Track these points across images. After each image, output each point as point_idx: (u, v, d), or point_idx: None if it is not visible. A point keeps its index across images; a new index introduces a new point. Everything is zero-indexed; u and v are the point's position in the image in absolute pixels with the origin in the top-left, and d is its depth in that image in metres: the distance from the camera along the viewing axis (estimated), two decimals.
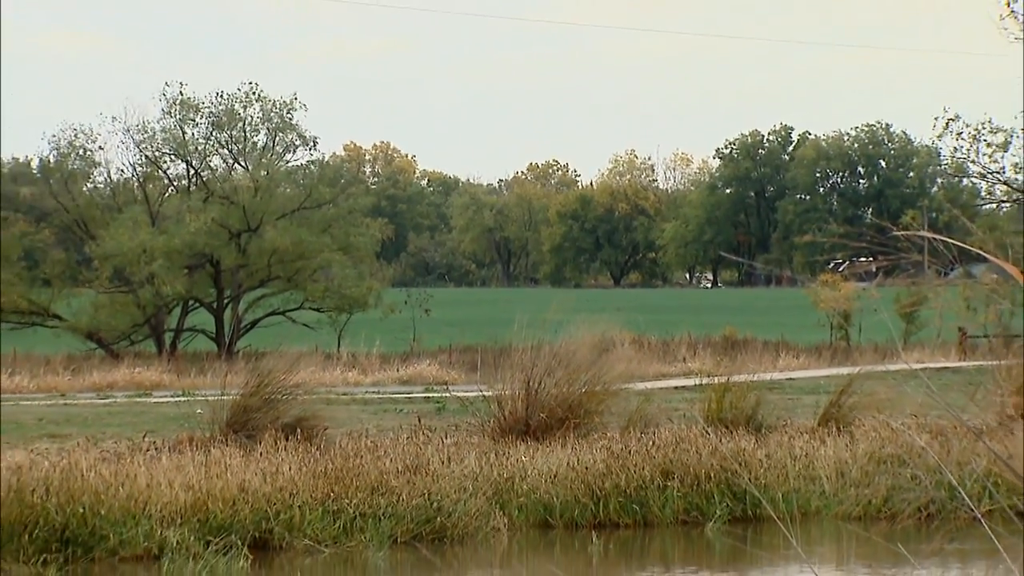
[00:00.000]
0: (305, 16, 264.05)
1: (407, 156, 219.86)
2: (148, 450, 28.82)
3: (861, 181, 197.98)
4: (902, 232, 19.29)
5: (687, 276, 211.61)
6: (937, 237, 8.11)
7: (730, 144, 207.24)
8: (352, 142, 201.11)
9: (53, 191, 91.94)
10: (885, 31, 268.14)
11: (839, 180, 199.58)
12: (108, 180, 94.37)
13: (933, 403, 28.31)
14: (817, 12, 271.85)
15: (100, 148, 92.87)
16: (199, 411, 33.85)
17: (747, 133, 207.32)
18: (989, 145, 72.28)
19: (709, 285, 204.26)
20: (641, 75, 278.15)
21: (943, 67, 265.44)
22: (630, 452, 29.44)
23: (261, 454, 28.18)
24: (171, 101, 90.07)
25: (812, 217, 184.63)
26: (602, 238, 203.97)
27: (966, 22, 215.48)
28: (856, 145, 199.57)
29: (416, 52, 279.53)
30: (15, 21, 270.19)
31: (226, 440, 29.78)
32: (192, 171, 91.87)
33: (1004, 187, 71.20)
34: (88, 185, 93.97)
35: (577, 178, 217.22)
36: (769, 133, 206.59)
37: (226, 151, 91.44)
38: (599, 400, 32.54)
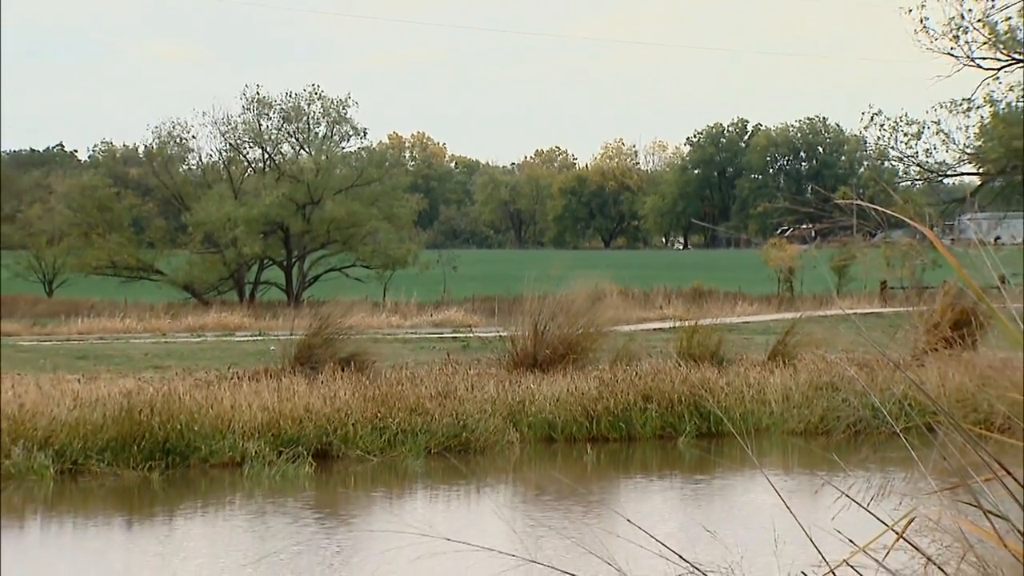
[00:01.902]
0: (358, 32, 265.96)
1: (439, 143, 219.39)
2: (232, 379, 28.26)
3: (803, 163, 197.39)
4: (840, 201, 20.97)
5: (663, 240, 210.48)
6: (866, 205, 8.12)
7: (698, 134, 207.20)
8: (395, 132, 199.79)
9: (156, 171, 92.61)
10: (825, 42, 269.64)
11: (785, 163, 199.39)
12: (199, 163, 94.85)
13: (861, 341, 29.68)
14: (770, 27, 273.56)
15: (193, 137, 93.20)
16: (272, 348, 34.06)
17: (711, 125, 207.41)
18: (905, 135, 72.99)
19: (681, 247, 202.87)
20: (627, 78, 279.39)
21: (869, 71, 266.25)
22: (617, 381, 29.22)
23: (322, 382, 27.69)
24: (250, 99, 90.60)
25: (763, 192, 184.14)
26: (595, 209, 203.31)
27: (889, 35, 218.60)
28: (799, 135, 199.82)
29: (446, 60, 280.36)
30: (128, 33, 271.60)
31: (294, 371, 29.24)
32: (266, 155, 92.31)
33: (917, 168, 72.21)
34: (183, 167, 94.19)
35: (575, 161, 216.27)
36: (729, 125, 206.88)
37: (293, 140, 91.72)
38: (593, 340, 32.28)
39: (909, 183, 74.50)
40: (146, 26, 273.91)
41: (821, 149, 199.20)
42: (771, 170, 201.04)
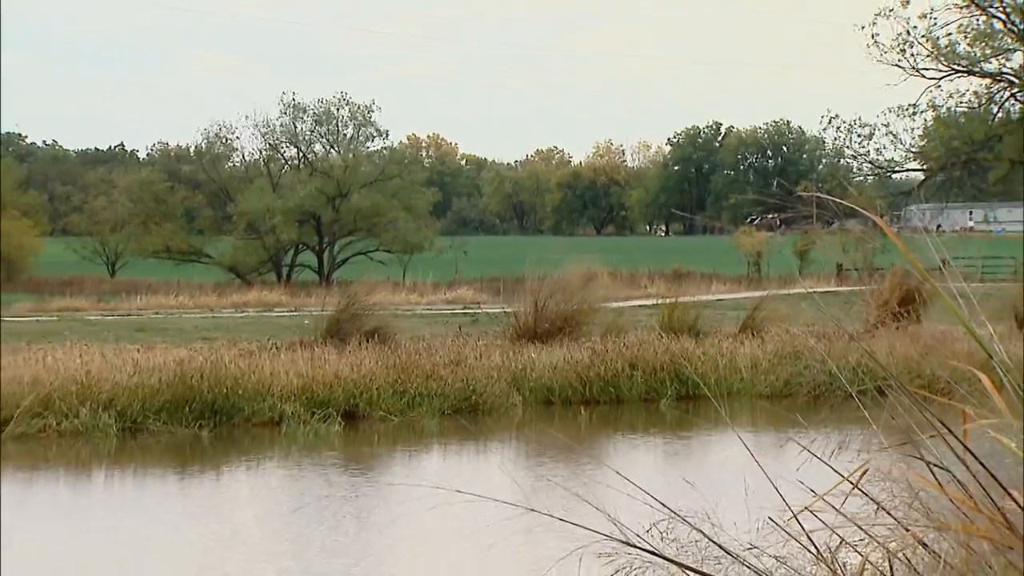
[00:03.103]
0: (382, 46, 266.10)
1: (451, 143, 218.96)
2: (271, 349, 28.34)
3: (769, 161, 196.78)
4: (801, 193, 21.06)
5: (647, 228, 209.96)
6: (824, 197, 8.16)
7: (677, 135, 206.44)
8: (413, 134, 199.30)
9: (204, 168, 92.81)
10: (789, 55, 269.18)
11: (754, 160, 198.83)
12: (242, 160, 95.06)
13: (820, 316, 29.58)
14: (741, 41, 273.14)
15: (237, 138, 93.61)
16: (306, 322, 34.08)
17: (689, 127, 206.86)
18: (859, 135, 72.75)
19: (663, 234, 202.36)
20: (615, 86, 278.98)
21: (827, 80, 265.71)
22: (607, 351, 29.17)
23: (349, 352, 27.59)
24: (286, 105, 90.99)
25: (735, 186, 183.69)
26: (588, 201, 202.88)
27: (845, 49, 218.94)
28: (766, 136, 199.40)
29: (458, 70, 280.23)
30: (182, 46, 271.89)
31: (325, 342, 29.23)
32: (301, 154, 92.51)
33: (869, 165, 71.95)
34: (228, 164, 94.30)
35: (570, 159, 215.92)
36: (705, 127, 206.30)
37: (324, 140, 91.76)
38: (585, 315, 32.22)
39: (862, 178, 74.40)
40: (197, 40, 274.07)
41: (785, 148, 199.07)
42: (741, 167, 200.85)
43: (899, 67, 74.91)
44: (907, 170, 79.37)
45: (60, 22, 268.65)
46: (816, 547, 4.84)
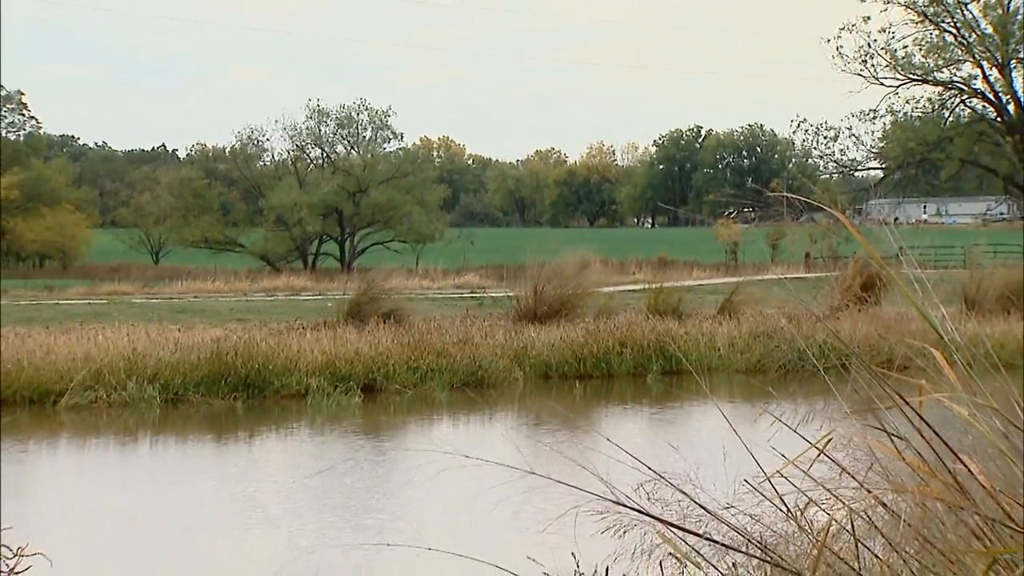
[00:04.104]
0: (397, 58, 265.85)
1: (459, 144, 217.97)
2: (298, 329, 28.56)
3: (745, 161, 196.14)
4: (772, 192, 21.08)
5: (635, 220, 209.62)
6: (793, 196, 8.15)
7: (663, 137, 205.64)
8: (425, 136, 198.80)
9: (238, 167, 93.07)
10: (762, 65, 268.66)
11: (731, 160, 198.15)
12: (272, 160, 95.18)
13: (790, 299, 29.22)
14: (720, 53, 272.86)
15: (267, 140, 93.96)
16: (329, 305, 34.24)
17: (673, 130, 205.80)
18: (825, 138, 73.06)
19: (649, 226, 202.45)
20: (607, 94, 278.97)
21: (796, 88, 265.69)
22: (599, 331, 29.22)
23: (368, 332, 27.68)
24: (312, 110, 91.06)
25: (714, 183, 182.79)
26: (582, 196, 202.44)
27: (812, 60, 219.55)
28: (742, 138, 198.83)
29: (466, 79, 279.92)
30: (218, 58, 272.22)
31: (346, 323, 29.40)
32: (324, 154, 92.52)
33: (833, 164, 71.86)
34: (260, 163, 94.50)
35: (566, 159, 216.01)
36: (687, 130, 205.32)
37: (346, 142, 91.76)
38: (580, 298, 32.29)
39: (827, 175, 74.47)
40: (233, 54, 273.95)
41: (759, 149, 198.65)
42: (720, 166, 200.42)
43: (861, 76, 75.03)
44: (868, 169, 79.50)
45: (113, 38, 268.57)
46: (787, 507, 4.84)
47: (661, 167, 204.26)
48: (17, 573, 6.38)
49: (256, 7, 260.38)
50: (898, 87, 75.61)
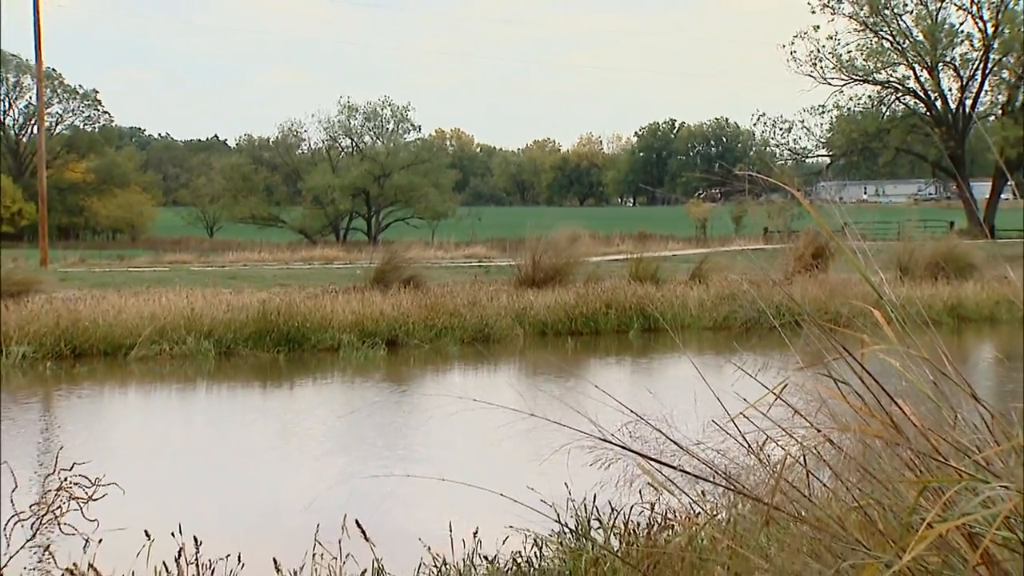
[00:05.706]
0: (416, 61, 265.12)
1: (469, 135, 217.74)
2: (331, 293, 28.45)
3: (712, 149, 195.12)
4: (738, 172, 21.18)
5: (619, 200, 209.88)
6: (757, 175, 8.06)
7: (643, 129, 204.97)
8: (439, 128, 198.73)
9: (280, 154, 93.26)
10: (727, 66, 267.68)
11: (701, 148, 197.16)
12: (309, 148, 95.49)
13: (751, 267, 29.64)
14: (691, 56, 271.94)
15: (304, 131, 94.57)
16: (358, 272, 34.20)
17: (652, 123, 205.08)
18: (781, 129, 73.03)
19: (631, 205, 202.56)
20: (596, 91, 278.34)
21: (756, 87, 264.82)
22: (588, 294, 29.18)
23: (391, 295, 27.69)
24: (343, 106, 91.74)
25: (686, 168, 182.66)
26: (574, 180, 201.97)
27: (769, 63, 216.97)
28: (710, 130, 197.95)
29: (475, 79, 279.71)
30: (262, 61, 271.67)
31: (372, 288, 29.39)
32: (354, 144, 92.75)
33: (788, 152, 71.81)
34: (299, 151, 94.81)
35: (560, 147, 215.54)
36: (663, 123, 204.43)
37: (372, 133, 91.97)
38: (572, 267, 32.17)
39: (783, 162, 74.63)
40: (275, 57, 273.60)
41: (724, 139, 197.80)
42: (691, 153, 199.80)
43: (811, 77, 75.07)
44: (817, 156, 79.52)
45: (173, 45, 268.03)
46: (748, 443, 4.87)
47: (641, 154, 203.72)
48: (95, 500, 6.40)
49: (294, 17, 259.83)
50: (843, 86, 75.61)
